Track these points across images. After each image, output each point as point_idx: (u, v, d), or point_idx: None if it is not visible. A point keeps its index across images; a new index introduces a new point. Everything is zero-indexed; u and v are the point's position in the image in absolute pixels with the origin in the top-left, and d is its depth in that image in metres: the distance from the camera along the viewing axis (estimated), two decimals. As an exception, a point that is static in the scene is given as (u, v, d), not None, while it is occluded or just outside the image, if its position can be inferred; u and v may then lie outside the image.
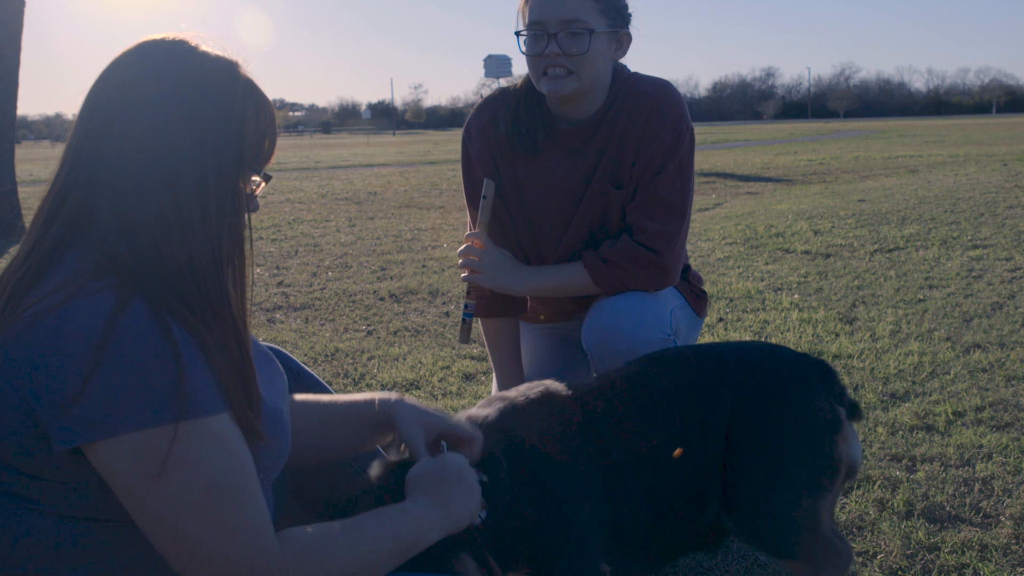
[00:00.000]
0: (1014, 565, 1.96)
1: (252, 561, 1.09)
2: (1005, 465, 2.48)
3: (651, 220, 2.12)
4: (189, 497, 1.06)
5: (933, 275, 5.29)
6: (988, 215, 7.93)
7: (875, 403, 3.03)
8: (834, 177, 13.50)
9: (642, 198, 2.13)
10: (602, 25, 2.06)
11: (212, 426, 1.08)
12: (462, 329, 2.32)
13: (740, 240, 7.00)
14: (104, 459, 1.04)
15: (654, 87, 2.16)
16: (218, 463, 1.07)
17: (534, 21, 2.06)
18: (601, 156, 2.16)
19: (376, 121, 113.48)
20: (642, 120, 2.12)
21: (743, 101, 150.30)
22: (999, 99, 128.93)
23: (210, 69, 1.16)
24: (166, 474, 1.04)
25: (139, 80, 1.14)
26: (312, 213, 10.22)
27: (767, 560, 2.00)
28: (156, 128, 1.12)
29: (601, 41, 2.07)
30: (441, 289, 5.34)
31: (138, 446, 1.03)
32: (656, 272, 2.12)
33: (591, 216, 2.20)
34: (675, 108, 2.13)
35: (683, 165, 2.14)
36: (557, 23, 2.03)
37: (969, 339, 3.81)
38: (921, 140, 26.49)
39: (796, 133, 40.08)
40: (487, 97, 2.36)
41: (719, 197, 10.83)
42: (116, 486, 1.06)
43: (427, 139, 52.88)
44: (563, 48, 2.04)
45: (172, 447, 1.04)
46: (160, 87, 1.13)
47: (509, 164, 2.24)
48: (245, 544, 1.09)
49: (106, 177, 1.12)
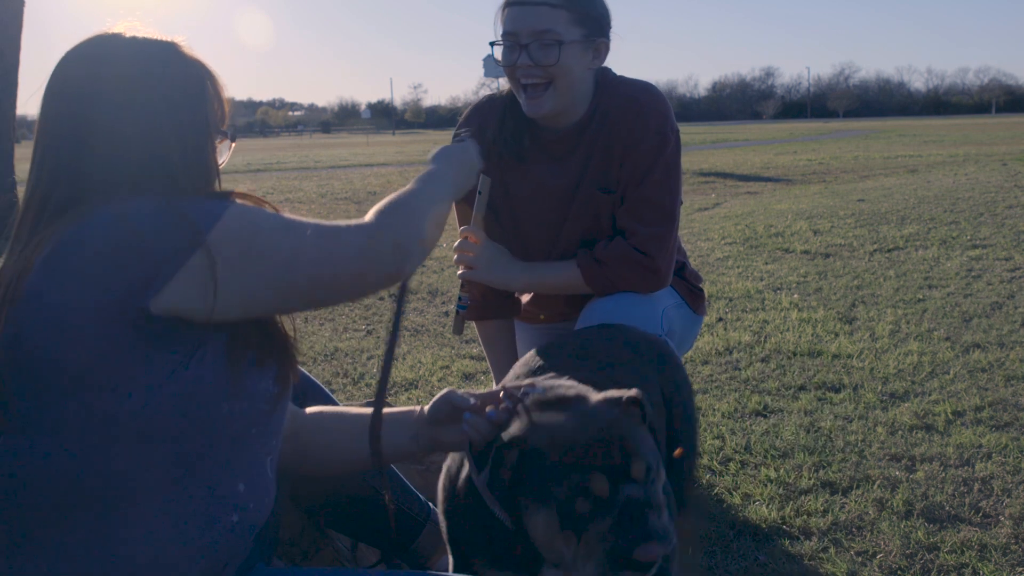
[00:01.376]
0: (1013, 565, 1.96)
1: (366, 243, 1.26)
2: (1004, 465, 2.49)
3: (641, 224, 2.12)
4: (287, 248, 1.19)
5: (932, 275, 5.29)
6: (987, 215, 7.93)
7: (874, 403, 3.04)
8: (834, 177, 13.50)
9: (631, 202, 2.14)
10: (575, 35, 2.06)
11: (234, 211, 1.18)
12: (455, 321, 2.33)
13: (740, 240, 7.00)
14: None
15: (637, 90, 2.17)
16: (266, 218, 1.20)
17: (507, 32, 2.08)
18: (588, 162, 2.17)
19: (376, 121, 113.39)
20: (627, 124, 2.12)
21: (743, 101, 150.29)
22: (998, 99, 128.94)
23: (161, 50, 1.27)
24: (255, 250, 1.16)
25: (106, 71, 1.23)
26: (312, 213, 10.22)
27: (767, 560, 2.01)
28: (136, 112, 1.22)
29: (574, 51, 2.06)
30: (440, 289, 5.34)
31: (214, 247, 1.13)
32: (648, 275, 2.13)
33: (582, 222, 2.20)
34: (659, 110, 2.14)
35: (670, 167, 2.14)
36: (528, 34, 2.04)
37: (968, 339, 3.81)
38: (920, 140, 26.49)
39: (796, 133, 40.08)
40: (475, 104, 2.36)
41: (719, 197, 10.83)
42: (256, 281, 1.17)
43: (427, 139, 52.84)
44: (534, 59, 2.05)
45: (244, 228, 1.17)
46: (130, 74, 1.23)
47: (497, 172, 2.24)
48: (351, 239, 1.25)
49: (95, 167, 1.20)
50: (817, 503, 2.27)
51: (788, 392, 3.19)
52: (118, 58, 1.24)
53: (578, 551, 1.21)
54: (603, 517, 1.20)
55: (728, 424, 2.87)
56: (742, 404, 3.06)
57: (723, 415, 2.95)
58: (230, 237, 1.14)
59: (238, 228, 1.16)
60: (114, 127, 1.21)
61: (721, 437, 2.75)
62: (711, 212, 9.26)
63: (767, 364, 3.54)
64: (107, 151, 1.20)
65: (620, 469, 1.22)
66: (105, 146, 1.20)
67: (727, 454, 2.62)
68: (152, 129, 1.22)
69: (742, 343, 3.86)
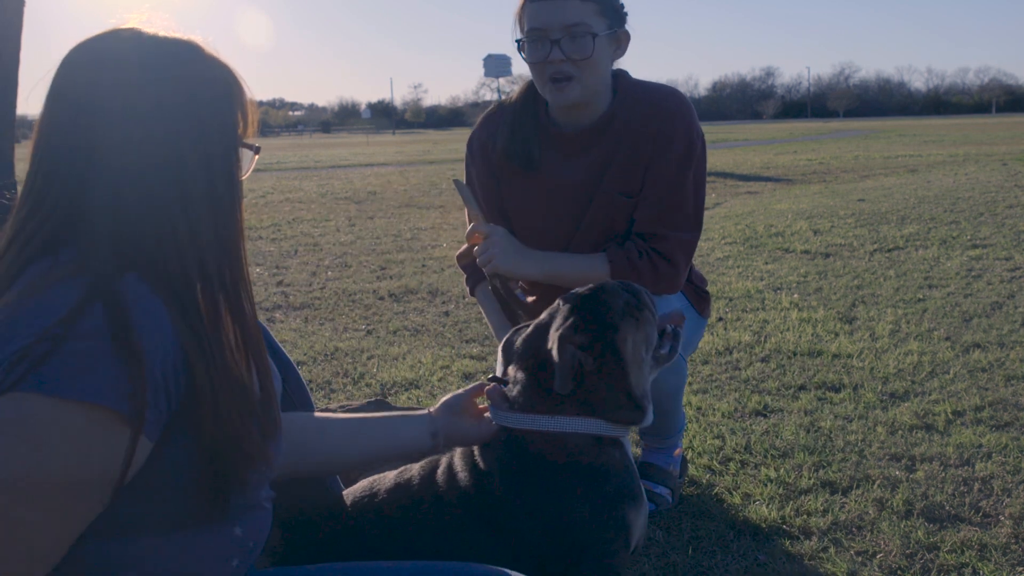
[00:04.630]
0: (1013, 564, 1.96)
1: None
2: (1004, 465, 2.48)
3: (670, 229, 2.12)
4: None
5: (933, 275, 5.29)
6: (987, 215, 7.93)
7: (874, 403, 3.04)
8: (834, 177, 13.50)
9: (659, 207, 2.12)
10: (602, 27, 2.06)
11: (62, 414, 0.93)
12: (522, 306, 2.23)
13: (740, 240, 7.00)
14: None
15: (664, 96, 2.16)
16: (23, 457, 0.93)
17: (534, 28, 2.05)
18: (608, 164, 2.15)
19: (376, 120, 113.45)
20: (654, 129, 2.11)
21: (743, 101, 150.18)
22: (998, 99, 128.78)
23: (185, 50, 1.10)
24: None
25: (122, 69, 1.06)
26: (312, 212, 10.21)
27: (767, 559, 2.01)
28: (154, 113, 1.05)
29: (603, 43, 2.06)
30: (441, 289, 5.34)
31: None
32: (669, 281, 2.13)
33: (598, 225, 2.19)
34: (688, 117, 2.14)
35: (698, 174, 2.15)
36: (559, 28, 2.02)
37: (968, 339, 3.81)
38: (921, 140, 26.48)
39: (796, 133, 40.07)
40: (486, 113, 2.36)
41: (719, 197, 10.83)
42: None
43: (426, 138, 52.81)
44: (567, 53, 2.03)
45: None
46: (147, 72, 1.06)
47: (508, 180, 2.24)
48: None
49: (104, 166, 1.04)
50: (817, 503, 2.27)
51: (788, 392, 3.19)
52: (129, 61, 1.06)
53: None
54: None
55: (728, 424, 2.87)
56: (742, 404, 3.06)
57: (723, 415, 2.95)
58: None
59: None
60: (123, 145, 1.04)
61: (721, 437, 2.75)
62: (711, 212, 9.26)
63: (767, 364, 3.54)
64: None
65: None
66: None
67: (727, 454, 2.62)
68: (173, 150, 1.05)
69: (742, 343, 3.86)
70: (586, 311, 1.57)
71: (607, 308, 1.57)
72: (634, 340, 1.56)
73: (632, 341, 1.56)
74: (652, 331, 1.61)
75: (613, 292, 1.60)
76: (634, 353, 1.56)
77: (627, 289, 1.62)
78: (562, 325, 1.56)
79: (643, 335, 1.59)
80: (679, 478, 2.37)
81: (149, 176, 1.04)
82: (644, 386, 1.59)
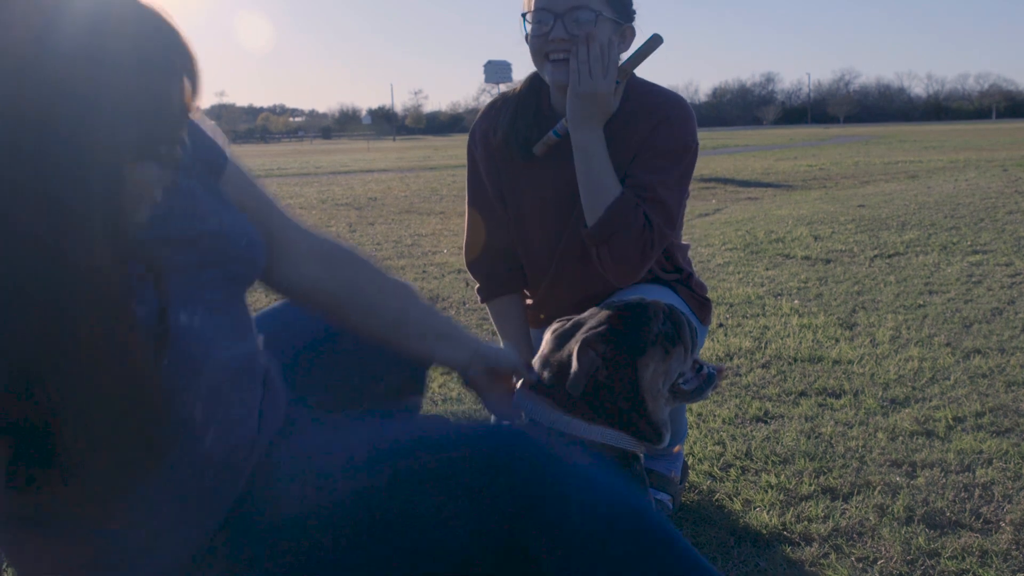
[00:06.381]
0: (1014, 571, 1.96)
1: None
2: (1005, 471, 2.48)
3: (652, 215, 2.11)
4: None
5: (933, 280, 5.29)
6: (988, 220, 7.94)
7: (875, 408, 3.03)
8: (834, 182, 13.50)
9: (642, 195, 2.10)
10: (608, 13, 2.08)
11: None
12: (548, 140, 2.16)
13: (740, 245, 7.00)
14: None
15: (667, 99, 2.17)
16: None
17: (541, 7, 2.09)
18: None
19: (376, 126, 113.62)
20: (649, 127, 2.11)
21: (743, 106, 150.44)
22: (999, 104, 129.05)
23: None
24: None
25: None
26: (312, 218, 10.22)
27: (767, 566, 2.00)
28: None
29: (606, 28, 2.08)
30: (441, 295, 5.34)
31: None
32: (639, 250, 2.06)
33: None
34: (688, 121, 2.14)
35: (683, 176, 2.14)
36: (564, 8, 2.06)
37: (969, 344, 3.81)
38: (921, 145, 26.50)
39: (796, 138, 40.10)
40: (489, 103, 2.38)
41: (719, 202, 10.83)
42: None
43: (427, 144, 52.88)
44: (569, 30, 2.06)
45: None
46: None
47: (508, 169, 2.25)
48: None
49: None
50: (818, 509, 2.27)
51: (789, 398, 3.19)
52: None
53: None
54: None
55: (728, 430, 2.87)
56: (743, 410, 3.06)
57: (723, 421, 2.95)
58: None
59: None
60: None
61: (722, 443, 2.75)
62: (712, 218, 9.26)
63: (768, 370, 3.54)
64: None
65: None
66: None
67: (727, 460, 2.62)
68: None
69: (743, 349, 3.86)
70: (621, 324, 1.59)
71: (642, 329, 1.58)
72: (655, 370, 1.57)
73: (653, 370, 1.57)
74: (678, 368, 1.62)
75: (655, 316, 1.61)
76: (651, 382, 1.57)
77: (671, 319, 1.63)
78: (592, 329, 1.58)
79: (665, 368, 1.59)
80: (680, 484, 2.37)
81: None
82: (659, 414, 1.60)
